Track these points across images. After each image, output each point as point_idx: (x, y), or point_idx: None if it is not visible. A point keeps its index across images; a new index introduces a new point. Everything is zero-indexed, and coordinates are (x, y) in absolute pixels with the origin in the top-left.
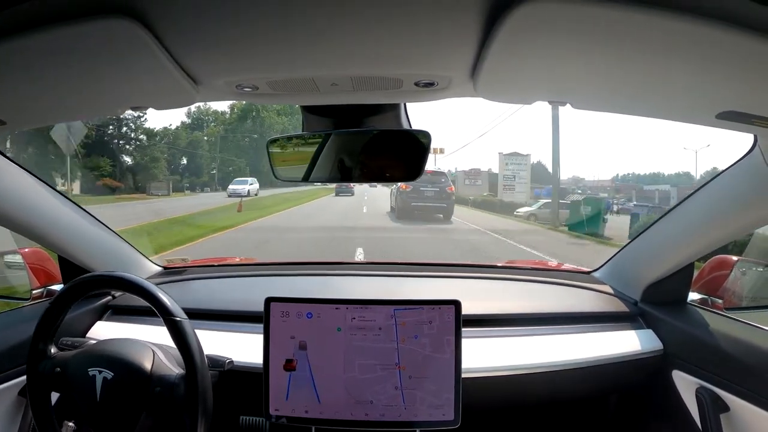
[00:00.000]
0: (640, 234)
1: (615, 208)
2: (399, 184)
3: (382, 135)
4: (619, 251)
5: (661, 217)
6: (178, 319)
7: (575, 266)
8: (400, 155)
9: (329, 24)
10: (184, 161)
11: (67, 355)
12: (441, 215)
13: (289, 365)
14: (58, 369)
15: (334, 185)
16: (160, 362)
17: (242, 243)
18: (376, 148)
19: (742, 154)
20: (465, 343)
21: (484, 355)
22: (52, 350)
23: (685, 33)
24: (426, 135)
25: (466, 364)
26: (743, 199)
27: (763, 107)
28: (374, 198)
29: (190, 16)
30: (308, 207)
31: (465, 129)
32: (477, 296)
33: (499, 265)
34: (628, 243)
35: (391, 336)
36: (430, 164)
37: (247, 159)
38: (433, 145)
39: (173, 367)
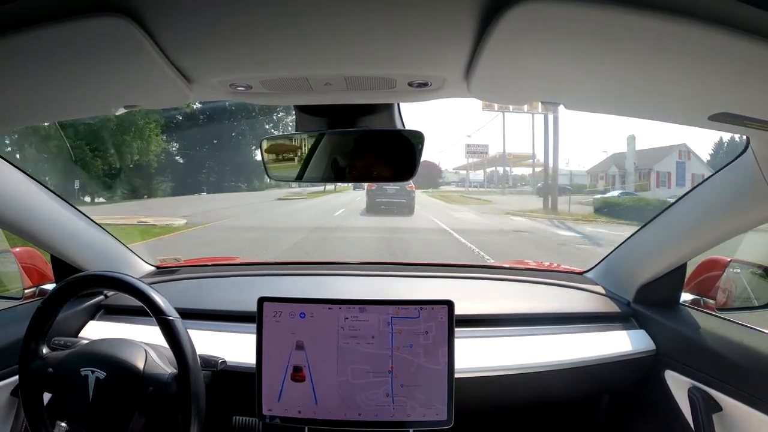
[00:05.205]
0: (633, 235)
1: None
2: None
3: (376, 135)
4: (611, 252)
5: (654, 218)
6: (170, 318)
7: (568, 267)
8: (393, 155)
9: (323, 23)
10: None
11: (60, 355)
12: (406, 210)
13: (298, 374)
14: (51, 369)
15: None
16: (152, 362)
17: None
18: (370, 148)
19: (735, 156)
20: (458, 343)
21: (476, 355)
22: (44, 350)
23: (678, 35)
24: (419, 135)
25: (458, 364)
26: (736, 201)
27: (755, 109)
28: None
29: (183, 13)
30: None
31: None
32: (470, 296)
33: (493, 265)
34: (621, 244)
35: (386, 343)
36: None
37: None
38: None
39: (166, 367)
